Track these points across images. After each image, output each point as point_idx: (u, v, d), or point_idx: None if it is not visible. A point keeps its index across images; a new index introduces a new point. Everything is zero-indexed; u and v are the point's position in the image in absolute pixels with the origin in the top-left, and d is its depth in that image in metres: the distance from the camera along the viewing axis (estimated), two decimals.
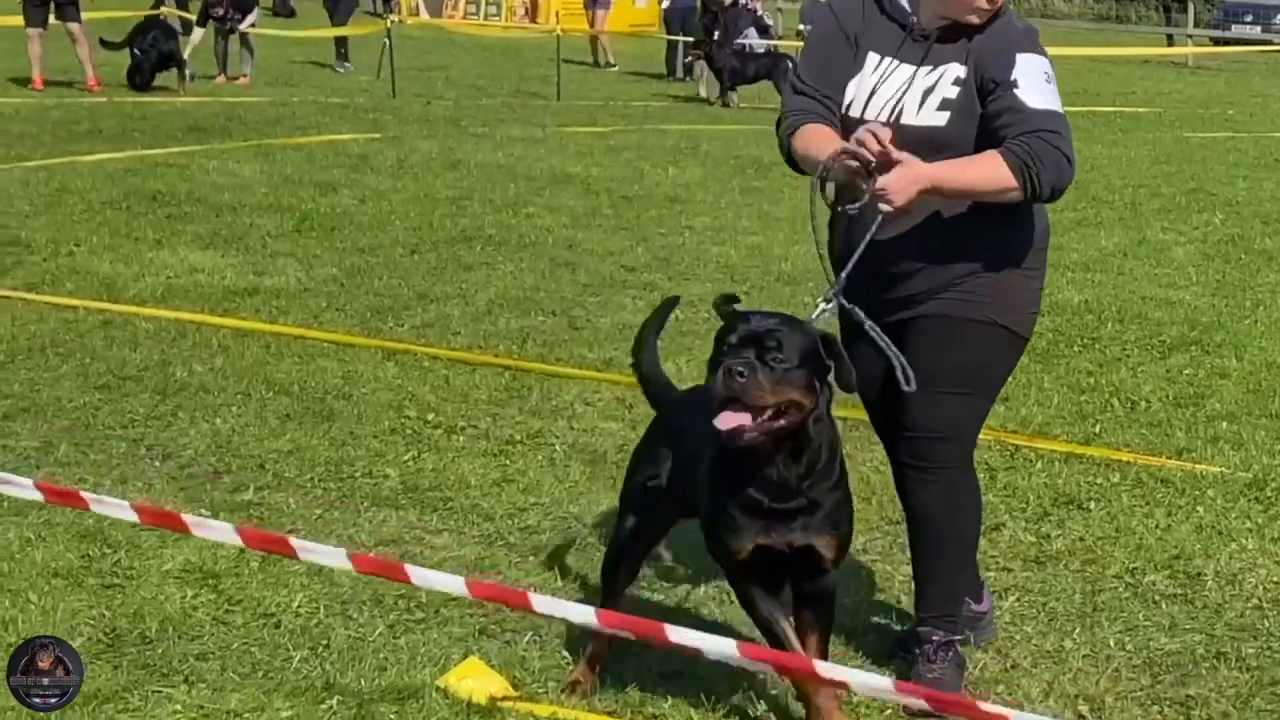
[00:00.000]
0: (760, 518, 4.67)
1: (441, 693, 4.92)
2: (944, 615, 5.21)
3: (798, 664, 4.11)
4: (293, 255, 11.40)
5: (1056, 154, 4.75)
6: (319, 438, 7.42)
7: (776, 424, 4.53)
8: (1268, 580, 6.06)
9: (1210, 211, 13.90)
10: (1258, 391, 8.45)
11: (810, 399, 4.56)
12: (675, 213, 13.58)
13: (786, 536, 4.67)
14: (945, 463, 5.11)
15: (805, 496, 4.66)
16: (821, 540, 4.70)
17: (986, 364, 5.08)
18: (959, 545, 5.22)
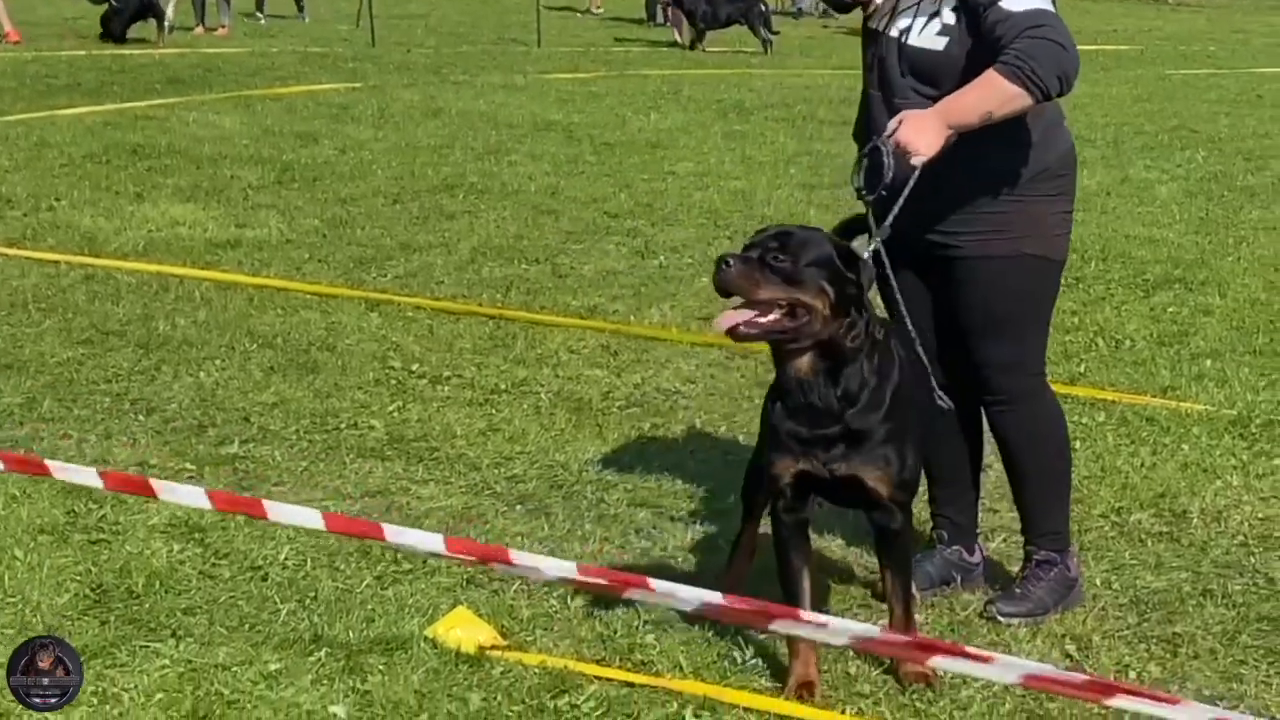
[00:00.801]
0: (801, 443, 4.68)
1: (430, 643, 4.92)
2: (1046, 534, 5.37)
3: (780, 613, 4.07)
4: (274, 207, 11.36)
5: (1048, 44, 4.76)
6: (303, 390, 7.41)
7: (783, 324, 4.53)
8: (1253, 517, 6.07)
9: (1193, 149, 13.88)
10: (1241, 328, 8.46)
11: (820, 301, 4.54)
12: (658, 158, 13.55)
13: (829, 464, 4.68)
14: (1015, 394, 5.27)
15: (847, 424, 4.65)
16: (869, 473, 4.69)
17: (1027, 295, 5.19)
18: (1048, 469, 5.37)
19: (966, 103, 4.86)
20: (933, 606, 5.36)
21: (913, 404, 4.81)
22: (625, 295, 9.18)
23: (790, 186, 12.24)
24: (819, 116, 15.93)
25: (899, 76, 5.07)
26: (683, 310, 8.88)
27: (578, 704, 4.64)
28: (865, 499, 4.77)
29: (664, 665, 4.89)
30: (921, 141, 4.86)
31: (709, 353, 8.04)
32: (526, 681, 4.74)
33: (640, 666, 4.89)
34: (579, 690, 4.70)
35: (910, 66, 5.04)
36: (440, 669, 4.79)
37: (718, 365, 7.88)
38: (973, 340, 5.20)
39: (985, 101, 4.84)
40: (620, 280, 9.51)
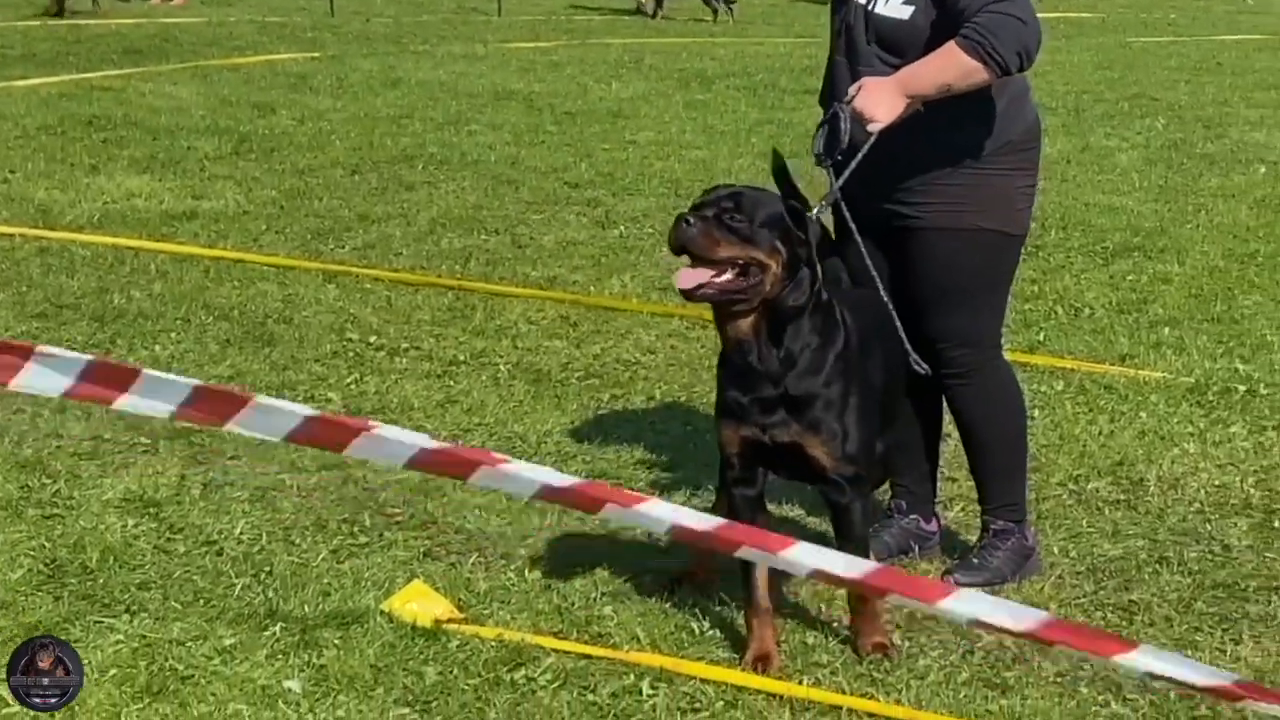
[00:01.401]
0: (742, 408, 4.68)
1: (386, 616, 4.90)
2: (1003, 505, 5.38)
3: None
4: (231, 178, 11.30)
5: (1007, 19, 4.76)
6: (260, 362, 7.37)
7: (737, 283, 4.54)
8: (1209, 484, 6.08)
9: (1153, 117, 13.90)
10: (1199, 296, 8.47)
11: (774, 260, 4.55)
12: (618, 128, 13.51)
13: (770, 430, 4.68)
14: (971, 367, 5.27)
15: (786, 388, 4.65)
16: (810, 441, 4.68)
17: (984, 269, 5.18)
18: (1005, 441, 5.38)
19: (926, 73, 4.86)
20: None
21: (863, 376, 4.79)
22: (585, 266, 9.16)
23: (751, 155, 12.22)
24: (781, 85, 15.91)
25: (865, 44, 5.05)
26: (643, 281, 8.86)
27: (534, 676, 4.62)
28: (809, 470, 4.76)
29: (621, 637, 4.88)
30: (879, 109, 4.86)
31: (669, 323, 8.02)
32: (483, 654, 4.72)
33: (597, 639, 4.88)
34: (536, 663, 4.69)
35: (876, 35, 5.03)
36: (396, 643, 4.77)
37: (678, 336, 7.86)
38: (929, 313, 5.19)
39: (944, 73, 4.83)
40: (580, 250, 9.48)
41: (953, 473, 6.09)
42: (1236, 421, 6.67)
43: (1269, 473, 6.19)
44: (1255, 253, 9.26)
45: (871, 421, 4.82)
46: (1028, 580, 5.31)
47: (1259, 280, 8.73)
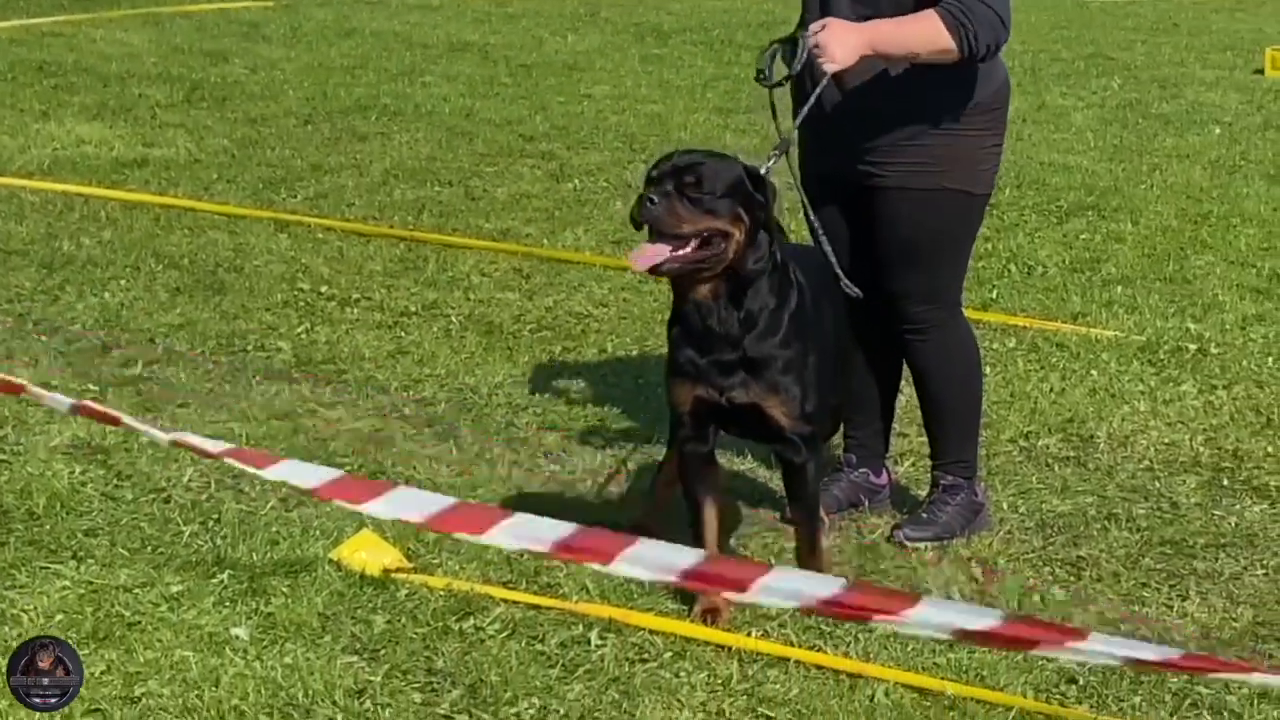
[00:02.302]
0: (698, 369, 4.68)
1: (334, 565, 4.88)
2: (954, 462, 5.40)
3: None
4: (183, 126, 11.21)
5: (991, 14, 4.81)
6: (210, 311, 7.32)
7: (700, 254, 4.54)
8: (1159, 442, 6.10)
9: (1109, 76, 13.90)
10: (1152, 256, 8.49)
11: (736, 228, 4.55)
12: (574, 81, 13.45)
13: (727, 391, 4.68)
14: (931, 324, 5.28)
15: (745, 350, 4.64)
16: (769, 401, 4.69)
17: (947, 228, 5.19)
18: (960, 398, 5.40)
19: (896, 33, 4.85)
20: (840, 530, 5.36)
21: (818, 333, 4.79)
22: (539, 219, 9.12)
23: (707, 111, 12.18)
24: (737, 41, 15.85)
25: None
26: (596, 234, 8.83)
27: (483, 626, 4.62)
28: (766, 430, 4.76)
29: (570, 588, 4.87)
30: (838, 50, 4.81)
31: (622, 277, 7.99)
32: (432, 604, 4.71)
33: (546, 589, 4.87)
34: (485, 612, 4.68)
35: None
36: (344, 591, 4.76)
37: (631, 289, 7.84)
38: (892, 270, 5.20)
39: (915, 38, 4.84)
40: (534, 203, 9.44)
41: (904, 428, 6.09)
42: (1187, 380, 6.69)
43: (1218, 431, 6.21)
44: (1208, 213, 9.28)
45: (827, 379, 4.84)
46: (977, 536, 5.32)
47: (1212, 241, 8.76)
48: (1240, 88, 13.36)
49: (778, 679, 4.42)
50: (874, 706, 4.30)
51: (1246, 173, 10.34)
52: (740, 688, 4.38)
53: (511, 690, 4.31)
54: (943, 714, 4.27)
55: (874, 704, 4.31)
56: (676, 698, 4.33)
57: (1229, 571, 5.15)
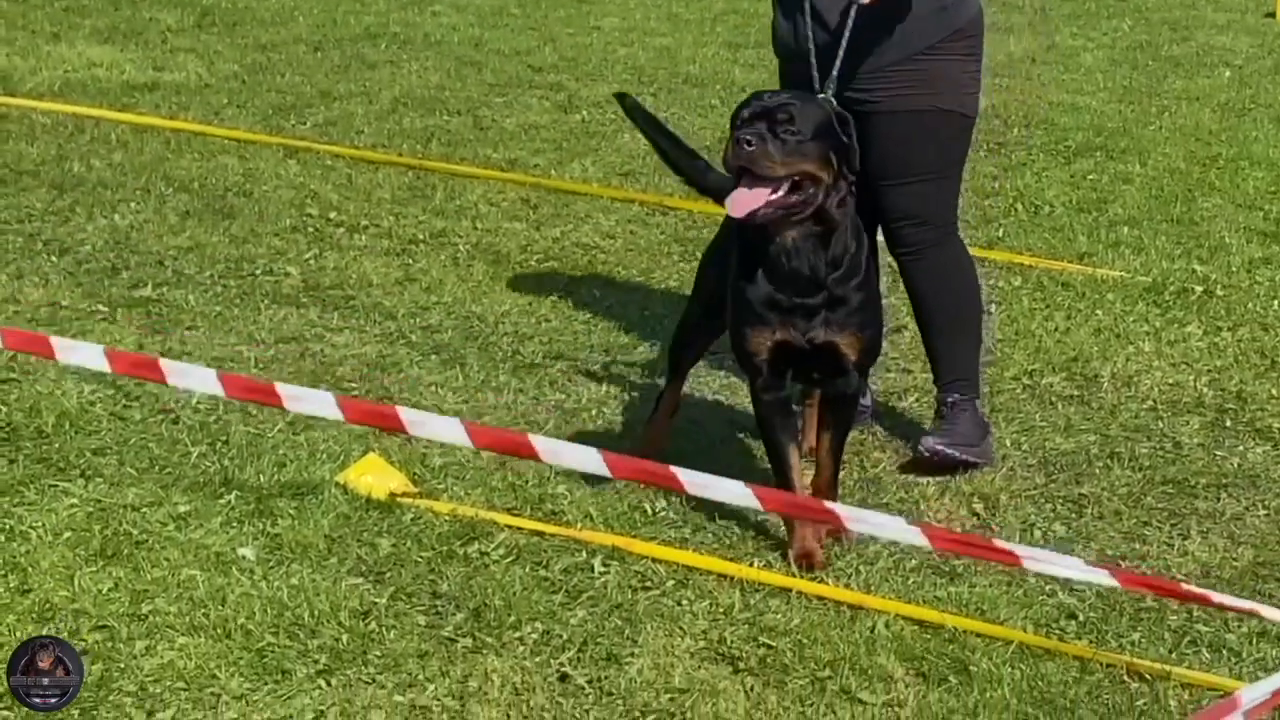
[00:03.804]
0: (782, 312, 4.70)
1: (341, 488, 4.92)
2: (957, 380, 5.45)
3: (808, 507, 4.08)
4: (193, 51, 11.18)
5: None
6: (219, 235, 7.33)
7: (792, 199, 4.57)
8: (1163, 382, 6.12)
9: (1119, 18, 13.84)
10: (1159, 197, 8.48)
11: (826, 172, 4.59)
12: (583, 13, 13.40)
13: (809, 333, 4.71)
14: (926, 244, 5.36)
15: (830, 291, 4.68)
16: (844, 339, 4.74)
17: (941, 147, 5.32)
18: (957, 314, 5.47)
19: None
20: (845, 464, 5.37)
21: (877, 272, 4.88)
22: (546, 149, 9.11)
23: (716, 45, 12.14)
24: None
25: None
26: (604, 166, 8.82)
27: (487, 551, 4.65)
28: (835, 367, 4.79)
29: (574, 515, 4.91)
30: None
31: (629, 209, 8.00)
32: (437, 528, 4.75)
33: (551, 516, 4.91)
34: (489, 538, 4.72)
35: None
36: (350, 514, 4.79)
37: (637, 221, 7.85)
38: (886, 192, 5.27)
39: None
40: (542, 134, 9.43)
41: (909, 364, 6.12)
42: (1192, 321, 6.70)
43: (1222, 373, 6.23)
44: (1217, 156, 9.26)
45: (882, 312, 4.96)
46: (979, 472, 5.35)
47: (1219, 183, 8.75)
48: (1251, 31, 13.31)
49: (779, 609, 4.46)
50: (874, 638, 4.33)
51: (1256, 116, 10.32)
52: (742, 617, 4.42)
53: (515, 615, 4.35)
54: (943, 646, 4.31)
55: (874, 635, 4.34)
56: (678, 625, 4.36)
57: (1230, 512, 5.18)
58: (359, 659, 4.14)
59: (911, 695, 4.12)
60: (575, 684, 4.10)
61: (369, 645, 4.19)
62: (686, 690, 4.09)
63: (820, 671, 4.19)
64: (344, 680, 4.06)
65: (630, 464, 3.26)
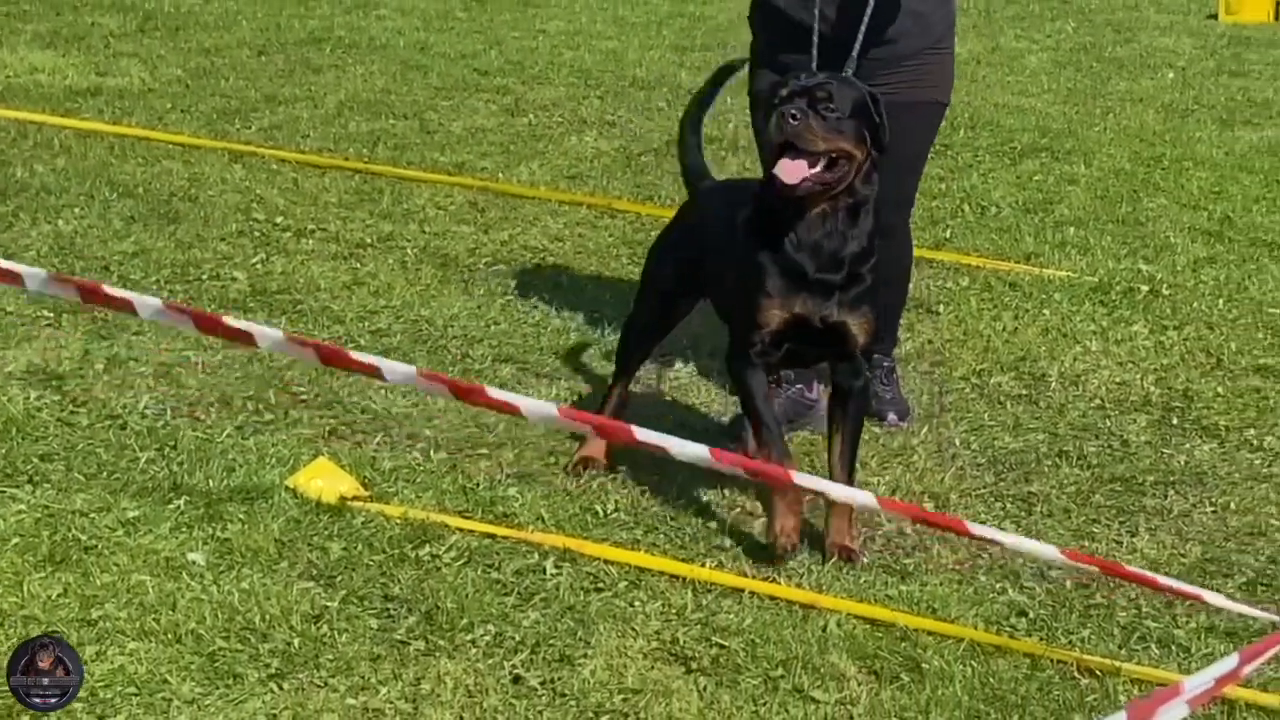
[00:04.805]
0: (802, 286, 4.76)
1: (291, 493, 4.90)
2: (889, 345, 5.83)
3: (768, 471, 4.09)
4: (136, 55, 11.12)
5: None
6: (165, 240, 7.29)
7: (829, 175, 4.67)
8: (1110, 381, 6.15)
9: (1063, 19, 13.92)
10: (1105, 197, 8.54)
11: (860, 150, 4.70)
12: (529, 16, 13.40)
13: (822, 310, 4.77)
14: (898, 228, 5.61)
15: (849, 269, 4.76)
16: (854, 319, 4.81)
17: (928, 137, 5.67)
18: (903, 292, 5.93)
19: None
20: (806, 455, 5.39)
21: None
22: (494, 152, 9.10)
23: (663, 49, 12.15)
24: None
25: None
26: (552, 169, 8.82)
27: (439, 554, 4.64)
28: (839, 349, 4.84)
29: (526, 517, 4.90)
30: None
31: (577, 211, 8.00)
32: (388, 532, 4.73)
33: (502, 519, 4.90)
34: (440, 541, 4.71)
35: None
36: (301, 518, 4.77)
37: (586, 224, 7.84)
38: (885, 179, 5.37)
39: None
40: (489, 137, 9.42)
41: None
42: (1138, 320, 6.75)
43: (1168, 371, 6.27)
44: (1161, 156, 9.33)
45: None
46: (929, 471, 5.37)
47: (1164, 183, 8.81)
48: (1193, 32, 13.41)
49: (731, 609, 4.47)
50: (826, 637, 4.34)
51: (1199, 117, 10.40)
52: (694, 617, 4.42)
53: (467, 617, 4.34)
54: (894, 645, 4.32)
55: (826, 634, 4.35)
56: (631, 626, 4.36)
57: (1178, 509, 5.21)
58: (311, 663, 4.12)
59: (864, 693, 4.13)
60: (528, 685, 4.10)
61: (321, 649, 4.18)
62: (640, 691, 4.09)
63: (773, 671, 4.19)
64: (296, 684, 4.04)
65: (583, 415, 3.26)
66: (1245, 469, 5.50)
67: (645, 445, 2.97)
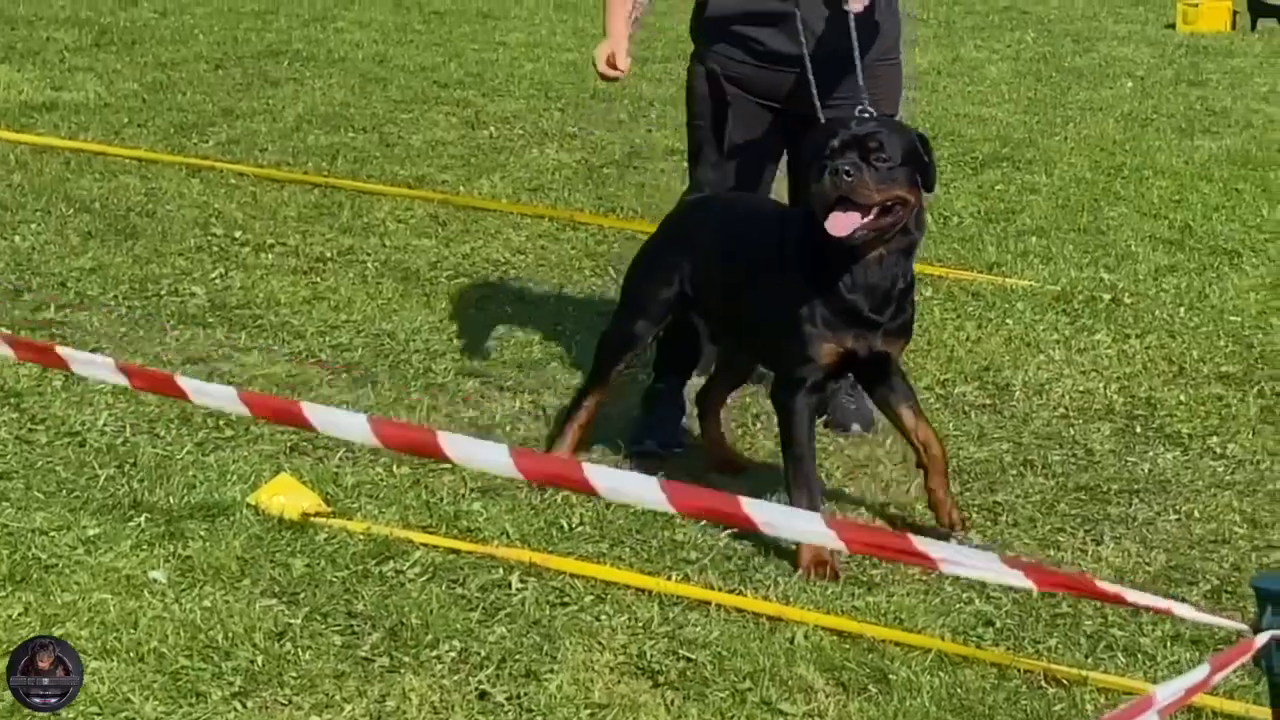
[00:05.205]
0: (854, 324, 4.82)
1: (252, 509, 4.86)
2: None
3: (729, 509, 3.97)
4: (92, 70, 11.06)
5: None
6: (122, 255, 7.25)
7: (884, 221, 4.71)
8: (1073, 390, 6.15)
9: (1023, 29, 13.94)
10: (1066, 207, 8.54)
11: (914, 195, 4.75)
12: (488, 28, 13.37)
13: (870, 342, 4.85)
14: None
15: (896, 303, 4.84)
16: (895, 346, 4.94)
17: None
18: None
19: None
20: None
21: None
22: (454, 165, 9.08)
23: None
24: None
25: None
26: (513, 181, 8.79)
27: (403, 570, 4.61)
28: (881, 372, 4.95)
29: (491, 532, 4.88)
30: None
31: (539, 224, 7.97)
32: (351, 548, 4.71)
33: (466, 534, 4.87)
34: (404, 556, 4.68)
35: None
36: (263, 535, 4.74)
37: (548, 237, 7.82)
38: None
39: None
40: (449, 150, 9.39)
41: None
42: (1101, 329, 6.75)
43: (1131, 379, 6.27)
44: (1121, 165, 9.34)
45: None
46: (895, 484, 5.36)
47: (1124, 192, 8.82)
48: (1152, 42, 13.45)
49: (698, 622, 4.44)
50: (794, 649, 4.32)
51: (1158, 126, 10.42)
52: (661, 630, 4.40)
53: (432, 633, 4.31)
54: (862, 656, 4.30)
55: (794, 646, 4.33)
56: (597, 640, 4.34)
57: (1142, 517, 5.21)
58: (275, 680, 4.08)
59: (832, 705, 4.12)
60: (494, 701, 4.07)
61: (285, 666, 4.14)
62: (607, 705, 4.06)
63: (740, 683, 4.17)
64: (260, 702, 4.01)
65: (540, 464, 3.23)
66: (1208, 476, 5.50)
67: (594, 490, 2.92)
